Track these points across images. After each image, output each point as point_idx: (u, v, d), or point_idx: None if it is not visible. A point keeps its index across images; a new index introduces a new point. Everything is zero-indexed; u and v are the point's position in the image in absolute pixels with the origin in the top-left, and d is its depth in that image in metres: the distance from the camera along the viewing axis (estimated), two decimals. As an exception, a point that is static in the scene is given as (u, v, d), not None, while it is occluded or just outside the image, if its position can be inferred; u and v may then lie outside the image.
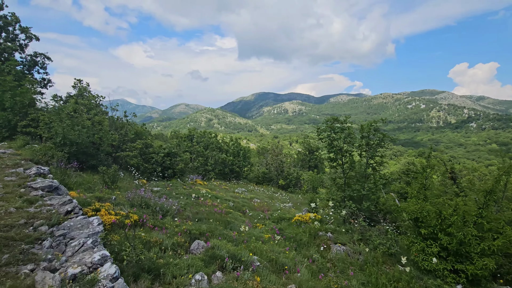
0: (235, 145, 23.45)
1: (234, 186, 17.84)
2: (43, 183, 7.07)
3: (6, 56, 20.91)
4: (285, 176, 22.82)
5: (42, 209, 5.63)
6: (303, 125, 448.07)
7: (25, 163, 9.17)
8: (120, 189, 9.65)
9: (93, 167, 11.21)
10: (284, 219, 10.01)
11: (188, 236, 6.35)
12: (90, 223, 5.00)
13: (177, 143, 17.59)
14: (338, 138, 9.10)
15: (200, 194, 11.79)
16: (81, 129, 10.55)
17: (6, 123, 13.94)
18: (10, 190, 6.61)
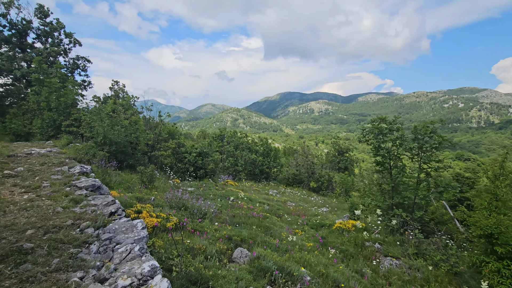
0: (265, 145, 23.08)
1: (265, 188, 17.44)
2: (86, 182, 7.16)
3: (52, 60, 22.33)
4: (317, 178, 21.99)
5: (87, 209, 5.61)
6: (329, 125, 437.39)
7: (69, 162, 9.49)
8: (157, 189, 9.63)
9: (130, 166, 11.39)
10: (323, 225, 9.41)
11: (230, 243, 6.02)
12: (134, 226, 4.84)
13: (209, 143, 17.61)
14: (386, 140, 8.31)
15: (233, 195, 11.52)
16: (120, 128, 10.76)
17: (52, 122, 14.73)
18: (57, 188, 6.75)
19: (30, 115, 18.20)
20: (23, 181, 7.32)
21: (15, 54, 22.44)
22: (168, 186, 11.12)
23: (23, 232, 4.41)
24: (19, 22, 21.93)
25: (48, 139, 14.39)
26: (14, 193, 6.34)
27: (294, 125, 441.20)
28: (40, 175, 7.86)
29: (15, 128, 16.68)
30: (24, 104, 20.08)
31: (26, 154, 9.94)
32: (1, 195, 6.06)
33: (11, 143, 13.35)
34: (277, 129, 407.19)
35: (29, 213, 5.19)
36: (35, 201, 5.91)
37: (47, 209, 5.43)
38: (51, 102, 15.07)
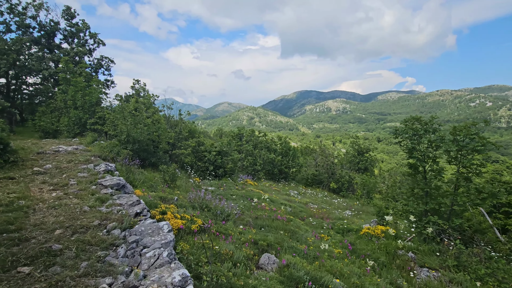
0: (283, 145, 22.70)
1: (285, 188, 17.11)
2: (111, 181, 7.17)
3: (77, 60, 23.08)
4: (337, 179, 21.36)
5: (113, 209, 5.56)
6: (347, 124, 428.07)
7: (94, 159, 9.62)
8: (179, 188, 9.56)
9: (153, 165, 11.43)
10: (350, 230, 8.96)
11: (256, 247, 5.77)
12: (160, 228, 4.71)
13: (228, 142, 17.49)
14: (422, 142, 7.74)
15: (255, 196, 11.29)
16: (142, 127, 10.82)
17: (78, 120, 15.14)
18: (83, 187, 6.79)
19: (58, 113, 18.86)
20: (51, 178, 7.44)
21: (44, 55, 23.39)
22: (190, 185, 11.06)
23: (52, 231, 4.38)
24: (48, 24, 22.83)
25: (74, 137, 14.80)
26: (43, 190, 6.43)
27: (310, 124, 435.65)
28: (67, 172, 7.99)
29: (44, 126, 17.33)
30: (52, 102, 20.86)
31: (54, 151, 10.19)
32: (31, 193, 6.15)
33: (40, 140, 13.83)
34: (293, 128, 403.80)
35: (57, 211, 5.19)
36: (63, 199, 5.94)
37: (75, 208, 5.42)
38: (77, 100, 15.49)
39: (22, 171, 7.64)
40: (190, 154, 14.76)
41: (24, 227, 4.39)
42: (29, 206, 5.28)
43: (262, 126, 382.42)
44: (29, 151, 9.96)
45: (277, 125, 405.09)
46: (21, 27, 24.04)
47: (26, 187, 6.39)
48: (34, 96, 26.87)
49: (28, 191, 6.18)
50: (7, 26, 24.65)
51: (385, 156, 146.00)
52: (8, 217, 4.59)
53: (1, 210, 4.89)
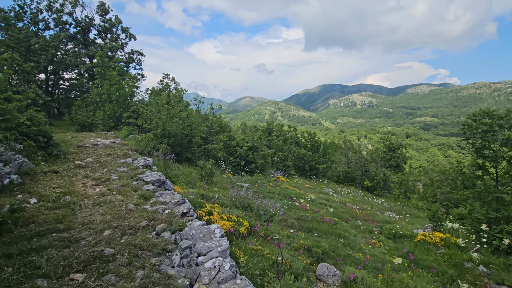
0: (313, 140, 21.81)
1: (320, 186, 16.36)
2: (152, 177, 6.93)
3: (110, 55, 23.59)
4: (372, 177, 20.18)
5: (158, 208, 5.26)
6: (373, 119, 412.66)
7: (132, 154, 9.53)
8: (216, 184, 9.21)
9: (187, 160, 11.21)
10: (402, 236, 8.13)
11: (310, 255, 5.22)
12: (212, 232, 4.30)
13: (259, 137, 16.99)
14: (496, 140, 6.70)
15: (292, 194, 10.71)
16: (178, 120, 10.57)
17: (112, 114, 15.34)
18: (125, 182, 6.59)
19: (93, 107, 19.38)
20: (93, 172, 7.36)
21: (79, 50, 24.15)
22: (225, 181, 10.71)
23: (101, 232, 4.12)
24: (83, 20, 23.48)
25: (109, 130, 15.03)
26: (86, 185, 6.30)
27: (334, 119, 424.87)
28: (108, 166, 7.89)
29: (80, 119, 17.85)
30: (87, 96, 21.51)
31: (92, 145, 10.24)
32: (75, 187, 6.03)
33: (78, 133, 14.15)
34: (316, 122, 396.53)
35: (103, 209, 4.96)
36: (107, 195, 5.75)
37: (120, 206, 5.17)
38: (111, 94, 15.68)
39: (65, 165, 7.62)
40: (221, 149, 14.45)
41: (72, 226, 4.15)
42: (75, 203, 5.10)
43: (284, 120, 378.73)
44: (69, 144, 10.07)
45: (300, 120, 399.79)
46: (58, 24, 24.96)
47: (70, 182, 6.29)
48: (70, 91, 28.02)
49: (72, 186, 6.06)
50: (46, 23, 25.74)
51: (414, 152, 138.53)
52: (56, 215, 4.39)
53: (49, 206, 4.73)
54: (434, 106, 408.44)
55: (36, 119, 7.92)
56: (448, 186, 24.25)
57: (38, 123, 7.96)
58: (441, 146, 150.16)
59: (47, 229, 3.93)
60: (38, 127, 7.78)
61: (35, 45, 20.82)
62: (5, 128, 6.65)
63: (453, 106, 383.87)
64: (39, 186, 5.77)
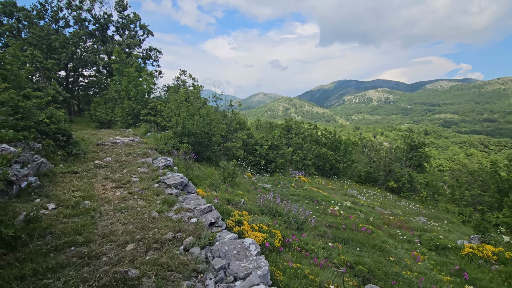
0: (334, 138, 20.92)
1: (344, 187, 15.56)
2: (174, 179, 6.48)
3: (128, 51, 23.53)
4: (397, 178, 19.13)
5: (183, 215, 4.78)
6: (389, 115, 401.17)
7: (151, 153, 9.18)
8: (239, 186, 8.69)
9: (207, 159, 10.76)
10: (445, 247, 7.32)
11: (353, 273, 4.59)
12: (247, 249, 3.77)
13: (279, 135, 16.36)
14: None
15: (318, 197, 10.06)
16: (198, 118, 10.10)
17: (131, 111, 15.13)
18: (146, 185, 6.17)
19: (111, 103, 19.34)
20: (112, 173, 7.01)
21: (98, 47, 24.25)
22: (247, 182, 10.19)
23: (123, 246, 3.67)
24: (101, 16, 23.51)
25: (127, 127, 14.84)
26: (106, 188, 5.93)
27: (349, 115, 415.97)
28: (128, 167, 7.54)
29: (99, 116, 17.84)
30: (106, 93, 21.54)
31: (112, 143, 9.97)
32: (95, 190, 5.67)
33: (97, 131, 14.02)
34: (330, 119, 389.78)
35: (124, 216, 4.53)
36: (128, 200, 5.34)
37: (142, 213, 4.73)
38: (129, 91, 15.47)
39: (84, 165, 7.32)
40: (241, 148, 13.94)
41: (92, 239, 3.73)
42: (95, 209, 4.71)
43: (298, 117, 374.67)
44: (89, 142, 9.84)
45: (314, 116, 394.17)
46: (78, 21, 25.16)
47: (90, 184, 5.94)
48: (89, 88, 28.34)
49: (92, 188, 5.70)
50: (66, 21, 26.01)
51: (433, 151, 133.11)
52: (75, 224, 3.98)
53: (67, 214, 4.34)
54: (455, 102, 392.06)
55: (56, 117, 7.65)
56: (479, 188, 22.76)
57: (58, 120, 7.68)
58: (462, 144, 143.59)
59: (65, 242, 3.51)
60: (58, 125, 7.50)
61: (55, 42, 21.00)
62: (24, 126, 6.38)
63: (475, 103, 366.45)
64: (58, 189, 5.43)
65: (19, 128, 6.26)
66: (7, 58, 12.41)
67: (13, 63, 12.15)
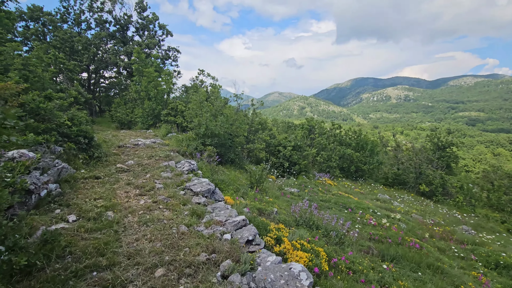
0: (359, 138, 19.83)
1: (374, 191, 14.59)
2: (201, 186, 5.96)
3: (148, 52, 23.53)
4: (429, 181, 17.83)
5: (215, 230, 4.22)
6: (409, 113, 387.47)
7: (174, 155, 8.75)
8: (267, 192, 8.07)
9: (231, 161, 10.22)
10: (507, 266, 6.35)
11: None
12: (295, 278, 3.14)
13: (302, 135, 15.60)
14: None
15: (352, 203, 9.27)
16: (222, 119, 9.57)
17: (151, 111, 14.89)
18: (171, 192, 5.68)
19: (131, 104, 19.30)
20: (135, 178, 6.60)
21: (119, 48, 24.42)
22: (273, 187, 9.56)
23: (152, 270, 3.14)
24: (122, 17, 23.64)
25: (148, 128, 14.61)
26: (129, 195, 5.49)
27: (366, 114, 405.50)
28: (151, 171, 7.11)
29: (120, 117, 17.80)
30: (126, 94, 21.59)
31: (133, 145, 9.64)
32: (118, 198, 5.24)
33: (118, 132, 13.87)
34: (347, 118, 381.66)
35: (151, 231, 4.03)
36: (153, 210, 4.85)
37: (170, 227, 4.22)
38: (149, 91, 15.24)
39: (106, 169, 6.96)
40: (263, 149, 13.31)
41: (117, 261, 3.22)
42: (118, 221, 4.24)
43: (314, 116, 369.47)
44: (110, 144, 9.56)
45: (330, 115, 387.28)
46: (99, 24, 25.48)
47: (112, 191, 5.52)
48: (109, 89, 28.73)
49: (114, 196, 5.27)
50: (88, 24, 26.44)
51: (457, 150, 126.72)
52: (97, 242, 3.50)
53: (89, 228, 3.88)
54: (481, 99, 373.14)
55: (77, 118, 7.34)
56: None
57: (79, 122, 7.37)
58: (489, 143, 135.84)
59: (86, 266, 3.02)
60: (79, 127, 7.18)
61: (78, 44, 21.28)
62: (45, 129, 6.06)
63: (503, 100, 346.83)
64: (79, 196, 5.04)
65: (40, 131, 5.95)
66: (31, 60, 12.46)
67: (37, 64, 12.16)
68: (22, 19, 25.50)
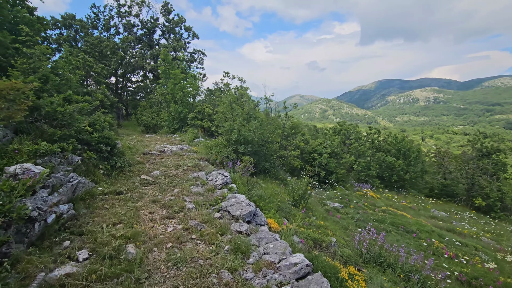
0: (400, 144, 17.88)
1: (427, 206, 12.76)
2: (240, 208, 4.85)
3: (173, 55, 23.18)
4: (485, 193, 15.59)
5: (269, 279, 3.07)
6: (439, 116, 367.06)
7: (203, 165, 7.76)
8: (313, 211, 6.80)
9: (265, 171, 9.06)
10: None
11: None
12: None
13: (340, 141, 14.15)
14: None
15: (410, 225, 7.75)
16: (256, 123, 8.46)
17: (177, 115, 14.15)
18: (205, 215, 4.62)
19: (157, 107, 18.84)
20: (161, 193, 5.64)
21: (145, 52, 24.32)
22: (315, 202, 8.25)
23: None
24: (148, 21, 23.53)
25: (173, 132, 13.88)
26: (155, 217, 4.50)
27: (392, 117, 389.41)
28: (178, 185, 6.14)
29: (145, 120, 17.34)
30: (152, 97, 21.26)
31: (159, 152, 8.78)
32: (141, 224, 4.26)
33: (143, 136, 13.23)
34: (372, 121, 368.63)
35: (183, 279, 2.96)
36: (185, 241, 3.80)
37: (208, 272, 3.12)
38: (175, 94, 14.54)
39: (129, 181, 6.07)
40: (297, 156, 12.03)
41: None
42: (141, 261, 3.21)
43: (336, 119, 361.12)
44: (135, 150, 8.76)
45: (353, 118, 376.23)
46: (127, 28, 25.64)
47: (135, 212, 4.56)
48: (136, 93, 28.85)
49: (137, 219, 4.30)
50: (116, 29, 26.74)
51: (505, 157, 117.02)
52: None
53: (103, 273, 2.87)
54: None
55: (99, 123, 6.53)
56: None
57: (102, 128, 6.56)
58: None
59: None
60: (102, 133, 6.36)
61: (106, 49, 21.31)
62: (61, 136, 5.26)
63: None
64: (96, 219, 4.11)
65: (56, 138, 5.15)
66: (60, 63, 12.19)
67: (64, 67, 11.83)
68: (56, 27, 26.23)
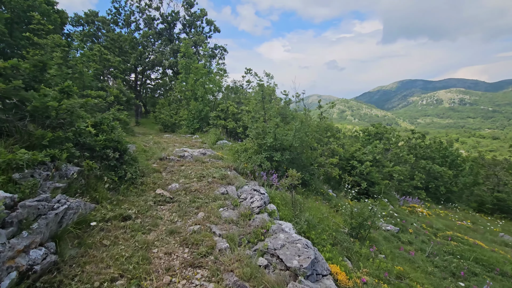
0: (447, 152, 15.65)
1: (494, 229, 10.71)
2: (297, 252, 3.33)
3: (194, 50, 22.04)
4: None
5: None
6: (465, 119, 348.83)
7: (232, 176, 6.32)
8: (375, 242, 5.15)
9: (304, 183, 7.47)
10: None
11: None
12: None
13: (383, 147, 12.25)
14: None
15: (495, 261, 5.92)
16: (297, 126, 6.88)
17: (198, 113, 12.84)
18: (246, 264, 3.14)
19: (175, 105, 17.71)
20: (181, 217, 4.23)
21: (165, 47, 23.37)
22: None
23: None
24: (169, 14, 22.52)
25: (193, 133, 12.58)
26: (173, 264, 3.08)
27: (414, 119, 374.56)
28: (203, 205, 4.72)
29: (163, 118, 16.26)
30: (171, 94, 20.21)
31: (178, 157, 7.42)
32: (153, 275, 2.87)
33: (160, 136, 12.02)
34: (392, 122, 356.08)
35: None
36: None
37: None
38: (196, 90, 13.23)
39: (141, 198, 4.71)
40: (335, 164, 10.34)
41: None
42: None
43: (354, 120, 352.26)
44: (150, 154, 7.45)
45: (372, 119, 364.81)
46: (148, 23, 24.83)
47: (145, 252, 3.17)
48: (155, 90, 28.11)
49: (146, 269, 2.92)
50: (137, 24, 26.04)
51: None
52: None
53: None
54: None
55: (108, 122, 5.21)
56: None
57: (111, 128, 5.23)
58: None
59: None
60: (109, 135, 5.03)
61: (125, 43, 20.50)
62: (53, 139, 3.95)
63: None
64: (86, 269, 2.73)
65: (46, 143, 3.84)
66: (75, 56, 11.23)
67: (77, 60, 10.80)
68: (80, 24, 25.84)
